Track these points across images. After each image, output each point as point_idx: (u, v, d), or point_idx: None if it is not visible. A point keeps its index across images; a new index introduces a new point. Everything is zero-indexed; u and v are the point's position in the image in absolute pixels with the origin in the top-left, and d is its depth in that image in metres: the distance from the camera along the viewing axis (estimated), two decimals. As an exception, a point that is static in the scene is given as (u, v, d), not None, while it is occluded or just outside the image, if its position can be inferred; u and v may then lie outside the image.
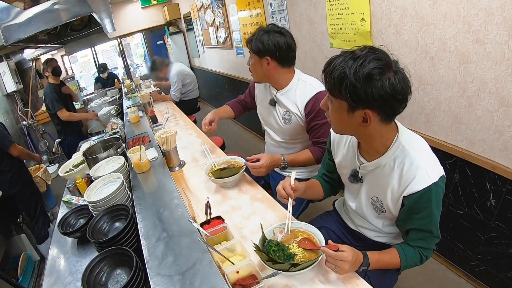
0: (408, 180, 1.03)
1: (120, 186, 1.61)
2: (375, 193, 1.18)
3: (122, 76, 7.12)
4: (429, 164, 1.04)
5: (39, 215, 3.22)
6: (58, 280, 1.41)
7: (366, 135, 1.08)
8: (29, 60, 5.56)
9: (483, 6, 1.44)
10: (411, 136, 1.10)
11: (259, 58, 1.71)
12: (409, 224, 1.12)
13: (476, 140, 1.67)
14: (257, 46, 1.67)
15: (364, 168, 1.18)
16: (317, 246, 1.11)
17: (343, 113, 1.02)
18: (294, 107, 1.75)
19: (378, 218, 1.25)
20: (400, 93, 0.94)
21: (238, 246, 1.15)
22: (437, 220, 1.09)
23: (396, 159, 1.07)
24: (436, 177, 1.01)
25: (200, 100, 7.60)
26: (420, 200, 1.03)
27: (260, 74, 1.77)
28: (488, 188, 1.68)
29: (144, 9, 7.32)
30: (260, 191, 1.64)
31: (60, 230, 1.59)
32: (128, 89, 4.67)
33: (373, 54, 0.94)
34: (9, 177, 2.93)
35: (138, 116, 3.04)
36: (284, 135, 1.90)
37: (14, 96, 5.07)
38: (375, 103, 0.94)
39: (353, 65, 0.93)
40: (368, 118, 0.98)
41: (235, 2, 3.97)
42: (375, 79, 0.91)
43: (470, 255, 1.92)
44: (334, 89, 0.99)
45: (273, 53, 1.67)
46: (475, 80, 1.58)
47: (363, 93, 0.92)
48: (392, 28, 1.93)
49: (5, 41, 2.78)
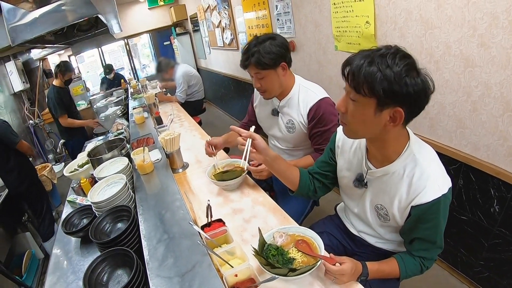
0: (418, 190, 1.02)
1: (123, 187, 1.62)
2: (381, 200, 1.16)
3: (128, 77, 7.16)
4: (439, 175, 1.03)
5: (45, 213, 3.26)
6: (60, 279, 1.42)
7: (383, 139, 1.06)
8: (36, 60, 5.61)
9: (488, 10, 1.43)
10: (421, 144, 1.09)
11: (273, 69, 1.64)
12: (414, 234, 1.11)
13: (480, 145, 1.66)
14: (269, 57, 1.59)
15: (371, 174, 1.16)
16: (316, 253, 1.10)
17: (369, 112, 0.97)
18: (297, 115, 1.74)
19: (381, 225, 1.24)
20: (428, 90, 0.94)
21: (237, 250, 1.15)
22: (443, 231, 1.08)
23: (406, 167, 1.06)
24: (446, 188, 1.01)
25: (206, 101, 7.62)
26: (429, 211, 1.02)
27: (277, 86, 1.71)
28: (492, 194, 1.66)
29: (151, 10, 7.37)
30: (262, 194, 1.64)
31: (64, 230, 1.61)
32: (134, 90, 4.70)
33: (401, 52, 0.94)
34: (16, 175, 2.96)
35: (143, 117, 3.06)
36: (288, 143, 1.90)
37: (21, 95, 5.12)
38: (408, 99, 0.92)
39: (384, 62, 0.91)
40: (397, 116, 0.95)
41: (241, 4, 3.98)
42: (409, 76, 0.91)
43: (473, 261, 1.90)
44: (362, 87, 0.94)
45: (285, 56, 1.64)
46: (480, 85, 1.57)
47: (398, 88, 0.90)
48: (396, 32, 1.92)
49: (12, 42, 2.81)
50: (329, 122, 1.67)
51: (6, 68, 4.72)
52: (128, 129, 3.02)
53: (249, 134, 1.34)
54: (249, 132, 1.35)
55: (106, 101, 5.57)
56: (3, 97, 4.58)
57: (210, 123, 6.08)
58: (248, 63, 1.65)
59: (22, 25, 2.77)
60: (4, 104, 4.55)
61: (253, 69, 1.66)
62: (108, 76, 6.45)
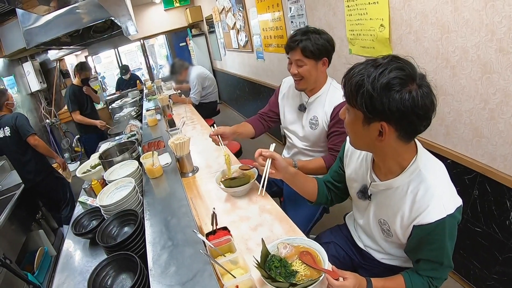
0: (421, 209, 0.96)
1: (131, 191, 1.63)
2: (384, 215, 1.12)
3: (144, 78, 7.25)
4: (445, 193, 0.96)
5: (69, 199, 3.48)
6: (68, 278, 1.46)
7: (381, 152, 1.02)
8: (53, 60, 5.75)
9: (507, 13, 1.36)
10: (431, 160, 1.02)
11: (315, 62, 1.64)
12: (419, 254, 1.06)
13: (497, 155, 1.59)
14: (317, 47, 1.60)
15: (375, 186, 1.12)
16: (319, 266, 1.08)
17: (359, 124, 0.95)
18: (322, 112, 1.74)
19: (385, 240, 1.19)
20: (421, 109, 0.86)
21: (240, 260, 1.14)
22: (450, 251, 1.01)
23: (411, 183, 1.00)
24: (452, 208, 0.94)
25: (221, 102, 7.67)
26: (433, 232, 0.96)
27: (313, 78, 1.70)
28: (508, 207, 1.59)
29: (167, 11, 7.44)
30: (269, 202, 1.62)
31: (73, 231, 1.63)
32: (149, 91, 4.75)
33: (396, 63, 0.88)
34: (33, 166, 3.12)
35: (156, 120, 3.09)
36: (307, 141, 1.87)
37: (38, 95, 5.26)
38: (392, 116, 0.87)
39: (373, 73, 0.86)
40: (383, 131, 0.91)
41: (255, 6, 3.98)
42: (393, 90, 0.84)
43: (486, 275, 1.83)
44: (351, 98, 0.92)
45: (329, 53, 1.65)
46: (498, 92, 1.50)
47: (379, 104, 0.85)
48: (412, 35, 1.86)
49: (27, 44, 2.88)
50: None
51: (23, 69, 4.86)
52: (141, 131, 3.05)
53: (271, 155, 1.31)
54: (271, 152, 1.32)
55: (121, 101, 5.65)
56: (20, 97, 4.71)
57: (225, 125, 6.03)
58: (295, 46, 1.63)
59: (37, 28, 2.84)
60: (21, 103, 4.68)
61: (298, 54, 1.64)
62: (124, 76, 6.55)
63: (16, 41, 3.75)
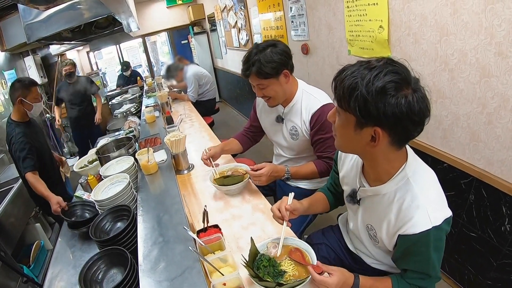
0: (406, 218, 0.93)
1: (126, 187, 1.64)
2: (371, 221, 1.10)
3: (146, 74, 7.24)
4: (432, 204, 0.92)
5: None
6: (61, 272, 1.46)
7: (371, 157, 0.99)
8: (54, 55, 5.74)
9: (506, 16, 1.34)
10: (421, 169, 0.99)
11: (275, 79, 1.59)
12: (405, 264, 1.04)
13: (494, 160, 1.58)
14: (271, 66, 1.54)
15: (363, 191, 1.09)
16: (304, 261, 1.07)
17: (350, 128, 0.91)
18: (300, 121, 1.70)
19: (374, 245, 1.17)
20: (417, 114, 0.83)
21: (229, 258, 1.14)
22: (436, 263, 0.97)
23: (398, 191, 0.97)
24: (439, 220, 0.90)
25: (221, 100, 7.66)
26: (417, 243, 0.93)
27: (281, 94, 1.66)
28: (504, 212, 1.57)
29: (169, 9, 7.43)
30: (262, 201, 1.61)
31: (65, 219, 1.69)
32: (149, 87, 4.74)
33: (391, 67, 0.84)
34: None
35: (154, 116, 3.09)
36: (291, 151, 1.86)
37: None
38: (387, 121, 0.83)
39: (367, 76, 0.82)
40: (377, 137, 0.87)
41: (256, 5, 3.97)
42: (389, 94, 0.81)
43: (480, 280, 1.82)
44: (342, 101, 0.88)
45: (286, 64, 1.59)
46: (496, 96, 1.49)
47: (374, 109, 0.82)
48: (411, 37, 1.85)
49: (28, 39, 2.87)
50: (331, 130, 1.62)
51: (25, 63, 4.84)
52: (139, 127, 3.05)
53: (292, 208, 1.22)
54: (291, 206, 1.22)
55: (121, 98, 5.65)
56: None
57: (225, 123, 6.09)
58: (249, 73, 1.59)
59: (38, 23, 2.83)
60: (22, 97, 4.66)
61: (255, 79, 1.60)
62: (125, 73, 6.55)
63: (17, 36, 3.73)
